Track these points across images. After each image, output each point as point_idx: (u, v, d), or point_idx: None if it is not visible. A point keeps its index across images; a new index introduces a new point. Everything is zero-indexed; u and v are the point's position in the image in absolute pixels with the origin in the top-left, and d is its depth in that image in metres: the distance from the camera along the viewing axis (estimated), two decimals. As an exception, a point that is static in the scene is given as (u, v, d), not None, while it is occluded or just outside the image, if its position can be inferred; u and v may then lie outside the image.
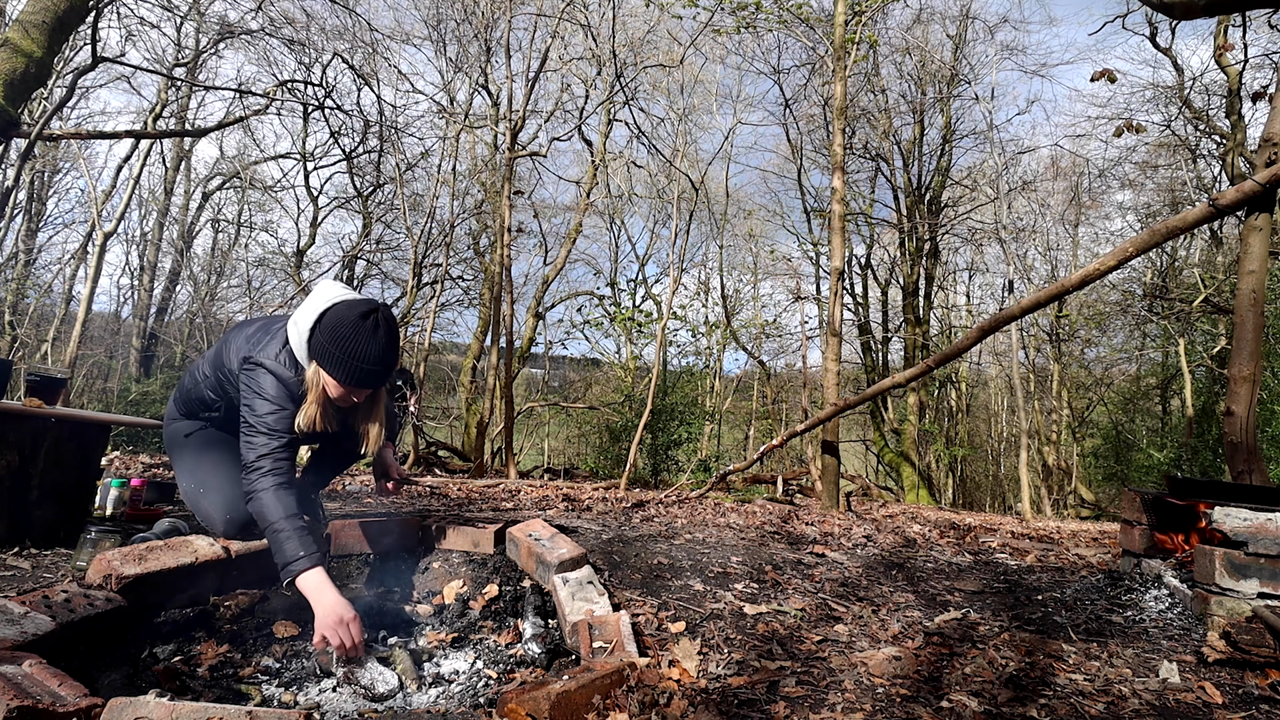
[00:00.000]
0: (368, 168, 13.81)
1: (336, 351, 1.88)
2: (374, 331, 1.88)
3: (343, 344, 1.87)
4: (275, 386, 1.97)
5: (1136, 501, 2.58)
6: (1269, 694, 1.60)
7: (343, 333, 1.88)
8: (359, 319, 1.88)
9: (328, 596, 1.71)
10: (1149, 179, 14.03)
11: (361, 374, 1.90)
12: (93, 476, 2.66)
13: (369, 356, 1.88)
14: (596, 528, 3.10)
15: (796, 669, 1.65)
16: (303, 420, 1.98)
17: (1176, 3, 3.94)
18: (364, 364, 1.89)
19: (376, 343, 1.88)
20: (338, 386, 1.94)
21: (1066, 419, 15.45)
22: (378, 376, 1.94)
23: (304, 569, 1.74)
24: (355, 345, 1.87)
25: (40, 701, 1.14)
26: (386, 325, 1.91)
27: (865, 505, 6.98)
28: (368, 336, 1.88)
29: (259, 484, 1.86)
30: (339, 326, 1.89)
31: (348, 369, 1.89)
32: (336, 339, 1.88)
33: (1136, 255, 3.77)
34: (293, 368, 2.00)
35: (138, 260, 16.40)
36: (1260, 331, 3.22)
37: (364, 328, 1.87)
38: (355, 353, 1.87)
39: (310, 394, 1.97)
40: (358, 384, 1.93)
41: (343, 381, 1.91)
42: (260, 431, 1.92)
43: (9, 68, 3.67)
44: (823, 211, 14.58)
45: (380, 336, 1.89)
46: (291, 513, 1.82)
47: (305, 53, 10.79)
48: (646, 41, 11.34)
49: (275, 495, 1.83)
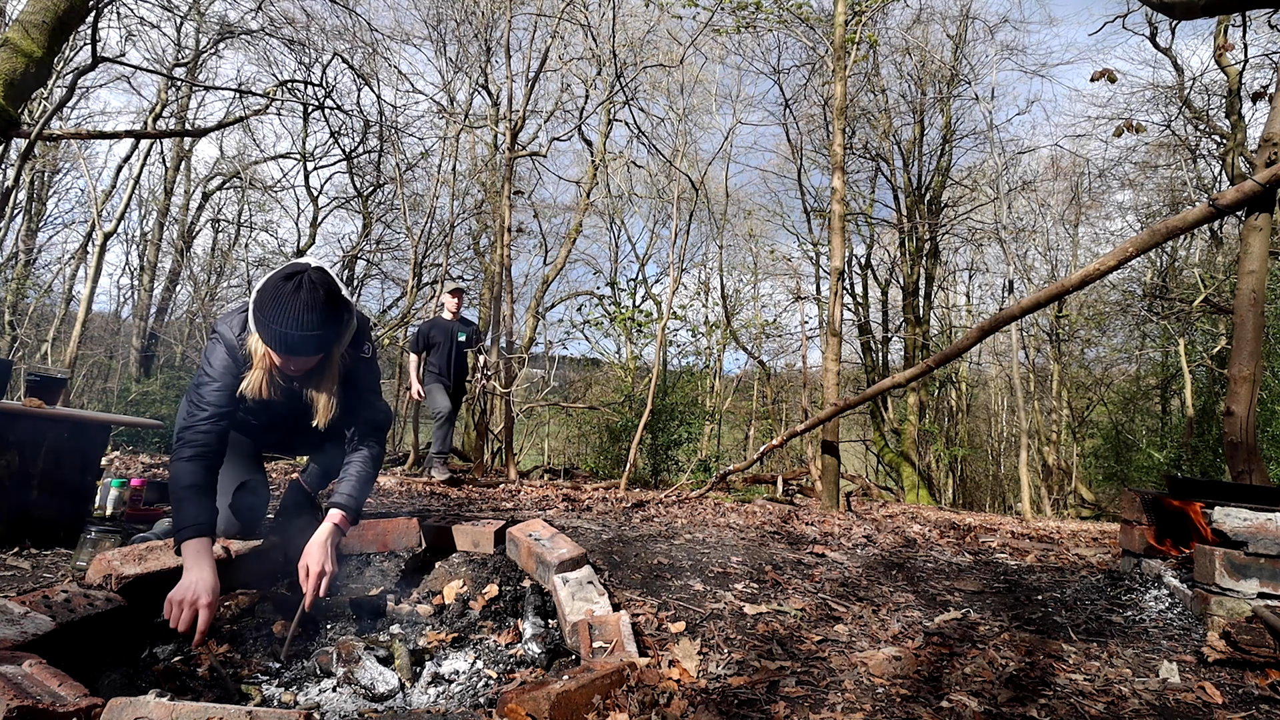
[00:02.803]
0: (368, 168, 13.82)
1: (262, 318, 1.83)
2: (294, 295, 1.80)
3: (266, 310, 1.81)
4: (222, 359, 1.96)
5: (1136, 501, 2.58)
6: (1269, 694, 1.60)
7: (266, 298, 1.82)
8: (281, 281, 1.81)
9: (194, 569, 1.72)
10: (1149, 179, 14.03)
11: (286, 340, 1.81)
12: (93, 476, 2.66)
13: (290, 322, 1.79)
14: (596, 528, 3.10)
15: (796, 669, 1.65)
16: (247, 388, 1.95)
17: (1176, 3, 3.94)
18: (286, 329, 1.80)
19: (297, 309, 1.79)
20: (280, 358, 1.89)
21: (1066, 419, 15.45)
22: (306, 342, 1.83)
23: (189, 536, 1.77)
24: (277, 312, 1.80)
25: (40, 701, 1.14)
26: (310, 290, 1.81)
27: (865, 505, 6.98)
28: (287, 302, 1.79)
29: (179, 452, 1.88)
30: (263, 292, 1.83)
31: (272, 334, 1.82)
32: (261, 305, 1.83)
33: (1136, 255, 3.77)
34: (240, 329, 1.98)
35: (138, 260, 16.41)
36: (1260, 331, 3.22)
37: (284, 292, 1.80)
38: (277, 318, 1.80)
39: (254, 360, 1.94)
40: (286, 351, 1.84)
41: (271, 348, 1.86)
42: (194, 403, 1.95)
43: (9, 68, 3.67)
44: (823, 211, 14.59)
45: (301, 301, 1.79)
46: (195, 483, 1.85)
47: (305, 53, 10.80)
48: (646, 41, 11.34)
49: (189, 464, 1.87)
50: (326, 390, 2.04)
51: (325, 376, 2.02)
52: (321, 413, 2.05)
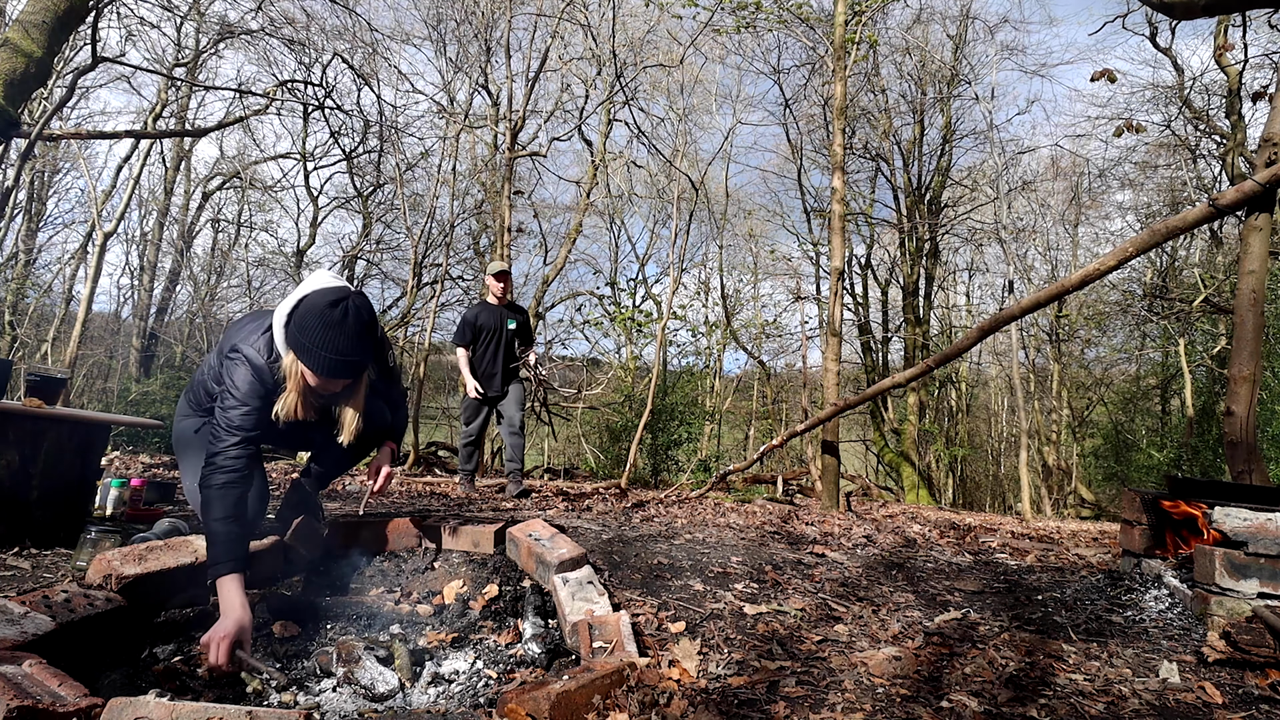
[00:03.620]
0: (368, 168, 13.82)
1: (306, 342, 1.87)
2: (342, 321, 1.87)
3: (311, 334, 1.86)
4: (247, 381, 1.97)
5: (1136, 501, 2.58)
6: (1269, 694, 1.60)
7: (310, 323, 1.87)
8: (327, 308, 1.87)
9: (231, 608, 1.70)
10: (1149, 179, 14.03)
11: (331, 364, 1.88)
12: (93, 476, 2.66)
13: (337, 347, 1.87)
14: (596, 528, 3.10)
15: (796, 669, 1.65)
16: (281, 409, 1.98)
17: (1176, 3, 3.94)
18: (332, 354, 1.87)
19: (345, 333, 1.87)
20: (314, 377, 1.93)
21: (1066, 419, 15.45)
22: (349, 367, 1.92)
23: (223, 574, 1.76)
24: (323, 335, 1.86)
25: (40, 701, 1.14)
26: (355, 314, 1.89)
27: (865, 505, 6.98)
28: (335, 327, 1.86)
29: (211, 479, 1.87)
30: (307, 316, 1.88)
31: (317, 359, 1.88)
32: (305, 329, 1.87)
33: (1136, 255, 3.77)
34: (268, 353, 2.00)
35: (138, 260, 16.41)
36: (1260, 331, 3.22)
37: (331, 317, 1.86)
38: (323, 343, 1.86)
39: (288, 383, 1.97)
40: (329, 374, 1.91)
41: (316, 372, 1.90)
42: (223, 427, 1.93)
43: (9, 68, 3.67)
44: (823, 211, 14.59)
45: (349, 326, 1.87)
46: (229, 514, 1.83)
47: (305, 53, 10.80)
48: (646, 41, 11.34)
49: (221, 493, 1.85)
50: (355, 407, 2.13)
51: (355, 394, 2.11)
52: (348, 430, 2.13)
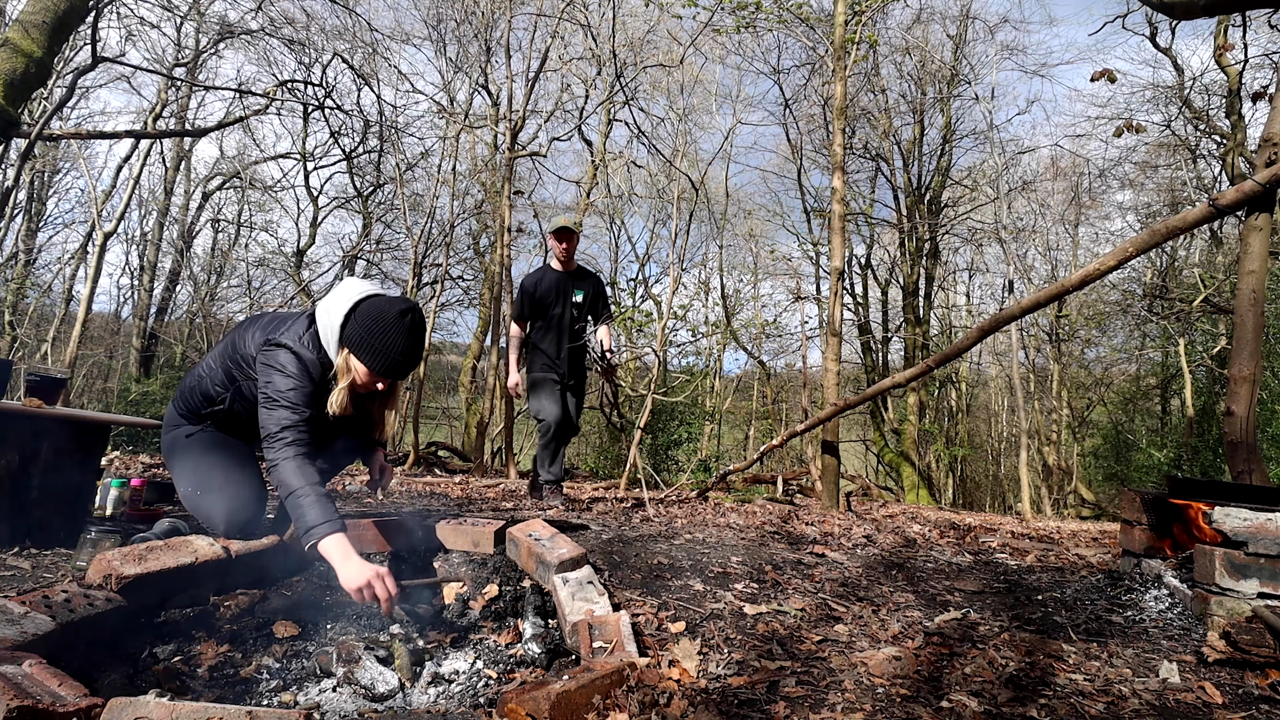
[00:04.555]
0: (368, 168, 13.82)
1: (373, 341, 2.04)
2: (412, 328, 2.07)
3: (380, 336, 2.04)
4: (295, 365, 2.08)
5: (1136, 501, 2.58)
6: (1269, 694, 1.60)
7: (382, 325, 2.04)
8: (398, 315, 2.05)
9: (352, 561, 1.80)
10: (1149, 179, 14.04)
11: (393, 365, 2.06)
12: (93, 476, 2.66)
13: (401, 350, 2.05)
14: (596, 528, 3.10)
15: (796, 669, 1.65)
16: (335, 404, 2.11)
17: (1176, 3, 3.94)
18: (396, 356, 2.05)
19: (411, 338, 2.06)
20: (367, 374, 2.08)
21: (1066, 419, 15.45)
22: (405, 368, 2.10)
23: (326, 534, 1.81)
24: (392, 338, 2.04)
25: (40, 701, 1.14)
26: (419, 324, 2.10)
27: (865, 505, 6.98)
28: (405, 332, 2.05)
29: (282, 453, 1.91)
30: (379, 319, 2.05)
31: (381, 359, 2.05)
32: (374, 330, 2.04)
33: (1136, 255, 3.77)
34: (314, 349, 2.12)
35: (138, 260, 16.41)
36: (1260, 331, 3.22)
37: (402, 324, 2.05)
38: (390, 345, 2.04)
39: (341, 379, 2.10)
40: (387, 373, 2.08)
41: (374, 369, 2.06)
42: (281, 405, 2.00)
43: (9, 68, 3.67)
44: (823, 211, 14.58)
45: (415, 334, 2.08)
46: (313, 481, 1.88)
47: (305, 53, 10.80)
48: (646, 41, 11.34)
49: (297, 464, 1.90)
50: (391, 407, 2.35)
51: (394, 395, 2.30)
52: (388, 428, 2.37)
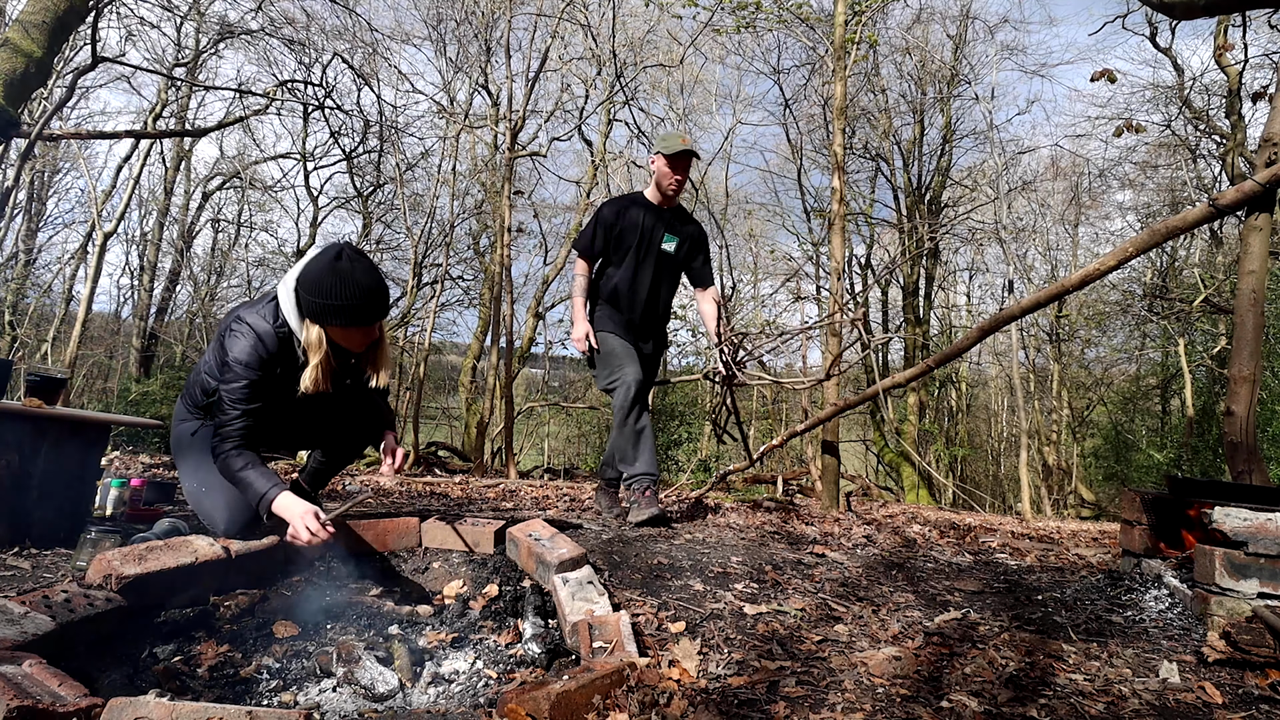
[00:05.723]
0: (368, 168, 13.82)
1: (326, 300, 1.96)
2: (351, 266, 1.95)
3: (327, 290, 1.95)
4: (247, 351, 2.05)
5: (1136, 501, 2.58)
6: (1269, 694, 1.60)
7: (322, 281, 1.95)
8: (331, 260, 1.96)
9: (295, 508, 1.96)
10: (1149, 179, 14.03)
11: (357, 309, 1.97)
12: (93, 476, 2.66)
13: (357, 290, 1.95)
14: (596, 528, 3.10)
15: (796, 669, 1.65)
16: (308, 382, 2.07)
17: (1176, 3, 3.94)
18: (355, 299, 1.95)
19: (357, 274, 1.95)
20: (345, 334, 2.03)
21: (1066, 419, 15.45)
22: (372, 308, 2.00)
23: (274, 496, 1.99)
24: (339, 286, 1.94)
25: (40, 701, 1.14)
26: (357, 255, 1.98)
27: (865, 505, 6.97)
28: (346, 273, 1.94)
29: (221, 447, 2.07)
30: (316, 277, 1.96)
31: (342, 311, 1.97)
32: (320, 288, 1.95)
33: (1136, 255, 3.77)
34: (272, 318, 2.09)
35: (138, 260, 16.40)
36: (1260, 331, 3.22)
37: (340, 268, 1.94)
38: (341, 292, 1.94)
39: (312, 355, 2.06)
40: (358, 320, 2.00)
41: (345, 324, 1.99)
42: (226, 402, 2.07)
43: (9, 68, 3.67)
44: (823, 211, 14.58)
45: (358, 267, 1.96)
46: (250, 462, 2.04)
47: (305, 53, 10.80)
48: (646, 41, 11.34)
49: (236, 452, 2.06)
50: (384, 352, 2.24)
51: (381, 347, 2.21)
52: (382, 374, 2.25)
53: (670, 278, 3.30)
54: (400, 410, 12.56)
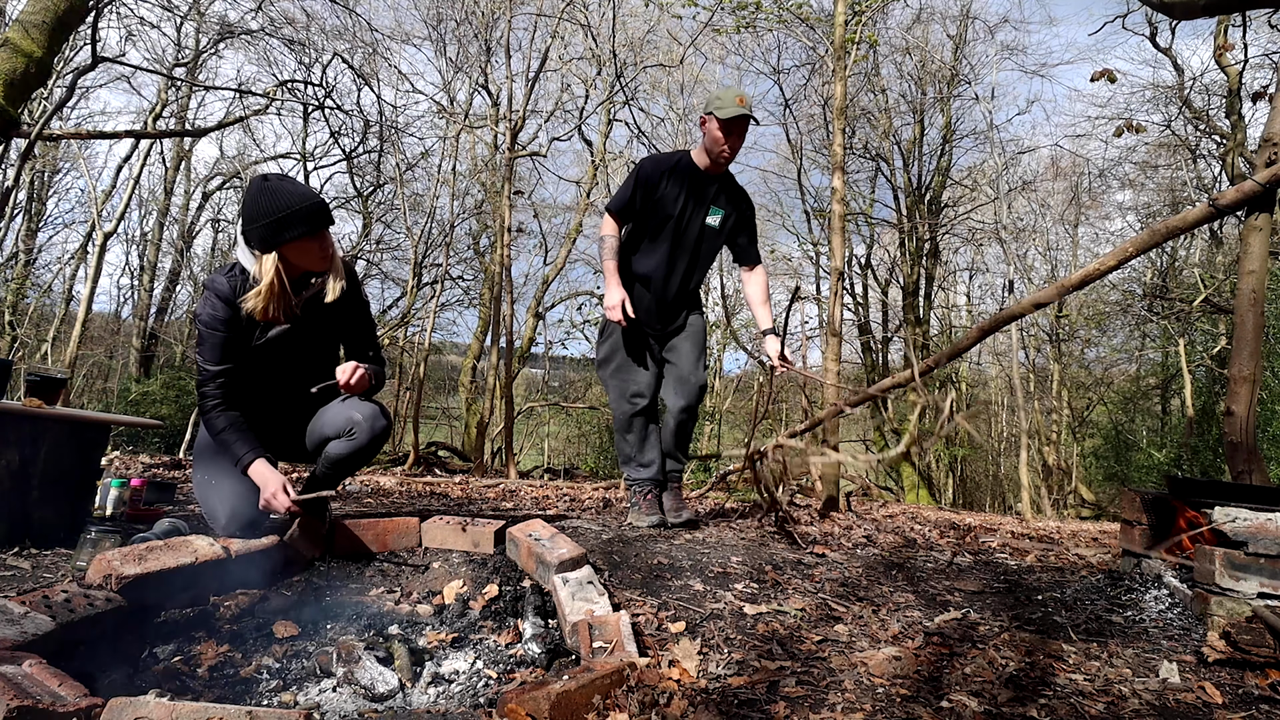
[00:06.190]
0: (368, 168, 13.81)
1: (270, 219, 2.00)
2: (279, 182, 2.03)
3: (267, 211, 2.00)
4: (209, 312, 2.14)
5: (1136, 501, 2.58)
6: (1269, 694, 1.60)
7: (261, 206, 2.00)
8: (260, 183, 2.03)
9: (268, 475, 2.14)
10: (1149, 179, 14.04)
11: (301, 216, 2.02)
12: (93, 476, 2.66)
13: (292, 200, 2.01)
14: (596, 528, 3.10)
15: (796, 669, 1.65)
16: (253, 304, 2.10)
17: (1176, 3, 3.95)
18: (294, 205, 2.01)
19: (287, 188, 2.02)
20: (301, 250, 2.07)
21: (1066, 419, 15.45)
22: (316, 213, 2.05)
23: (250, 461, 2.16)
24: (273, 201, 1.99)
25: (40, 701, 1.14)
26: (282, 177, 2.06)
27: (865, 505, 6.97)
28: (279, 190, 2.01)
29: (204, 406, 2.21)
30: (254, 205, 2.02)
31: (288, 223, 2.01)
32: (260, 213, 2.01)
33: (1136, 255, 3.77)
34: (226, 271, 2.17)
35: (138, 260, 16.42)
36: (1260, 331, 3.22)
37: (269, 185, 2.01)
38: (278, 206, 1.99)
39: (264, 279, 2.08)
40: (307, 226, 2.04)
41: (298, 236, 2.03)
42: (202, 366, 2.19)
43: (9, 68, 3.67)
44: (823, 211, 14.58)
45: (287, 184, 2.04)
46: (232, 423, 2.18)
47: (305, 53, 10.80)
48: (646, 41, 11.35)
49: (217, 412, 2.19)
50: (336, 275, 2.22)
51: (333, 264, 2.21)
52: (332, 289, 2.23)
53: (708, 255, 3.06)
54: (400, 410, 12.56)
